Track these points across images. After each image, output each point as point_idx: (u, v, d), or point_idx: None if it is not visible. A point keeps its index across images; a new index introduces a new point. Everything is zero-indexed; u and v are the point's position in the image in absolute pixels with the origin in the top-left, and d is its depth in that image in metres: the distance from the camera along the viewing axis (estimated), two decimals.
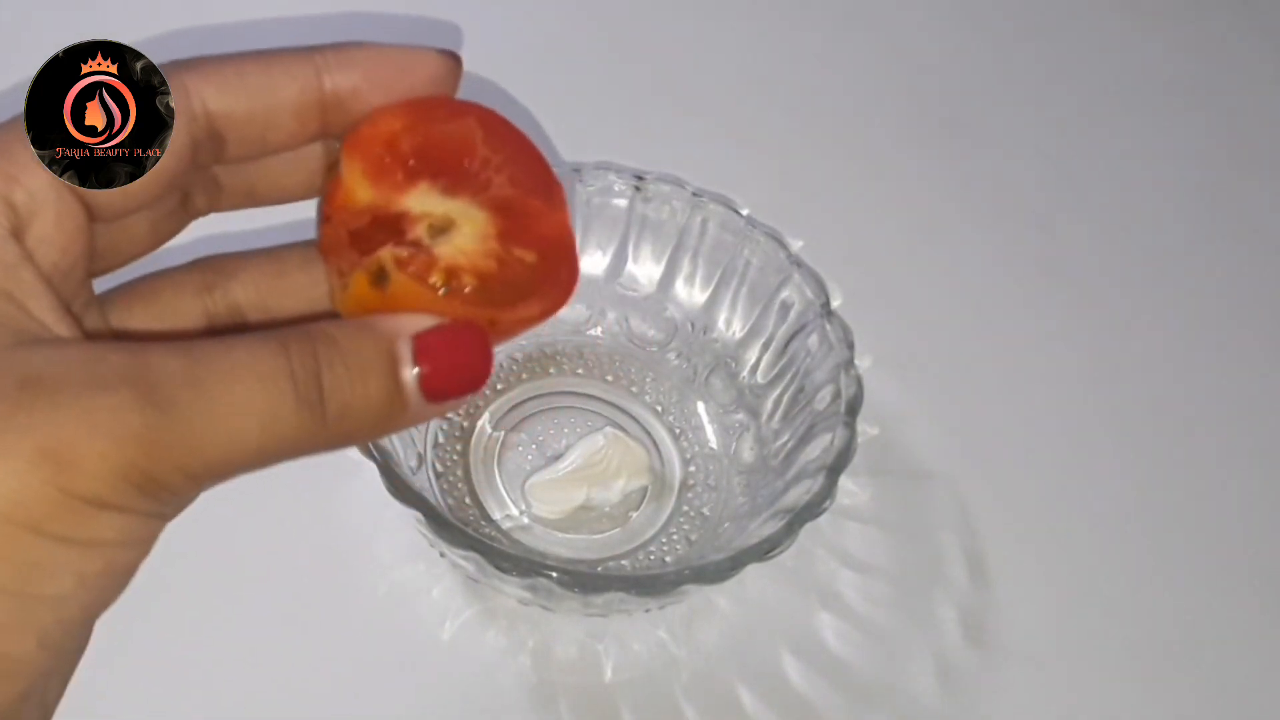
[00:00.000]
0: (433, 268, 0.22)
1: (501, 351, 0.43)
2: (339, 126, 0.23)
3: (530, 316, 0.23)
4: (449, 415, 0.41)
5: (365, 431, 0.22)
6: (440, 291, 0.22)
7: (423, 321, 0.22)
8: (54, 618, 0.19)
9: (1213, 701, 0.40)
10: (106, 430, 0.19)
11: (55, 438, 0.19)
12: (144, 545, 0.20)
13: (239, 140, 0.23)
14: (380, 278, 0.22)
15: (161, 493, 0.20)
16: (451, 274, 0.22)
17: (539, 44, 0.55)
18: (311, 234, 0.25)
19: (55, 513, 0.19)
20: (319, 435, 0.21)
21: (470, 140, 0.23)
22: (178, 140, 0.22)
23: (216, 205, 0.25)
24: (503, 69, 0.50)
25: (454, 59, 0.24)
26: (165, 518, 0.21)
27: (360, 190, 0.23)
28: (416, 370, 0.22)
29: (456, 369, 0.22)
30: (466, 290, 0.22)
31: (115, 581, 0.20)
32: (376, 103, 0.23)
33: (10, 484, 0.18)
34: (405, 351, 0.22)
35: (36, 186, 0.21)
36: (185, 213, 0.25)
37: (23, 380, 0.19)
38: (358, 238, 0.22)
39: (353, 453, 0.33)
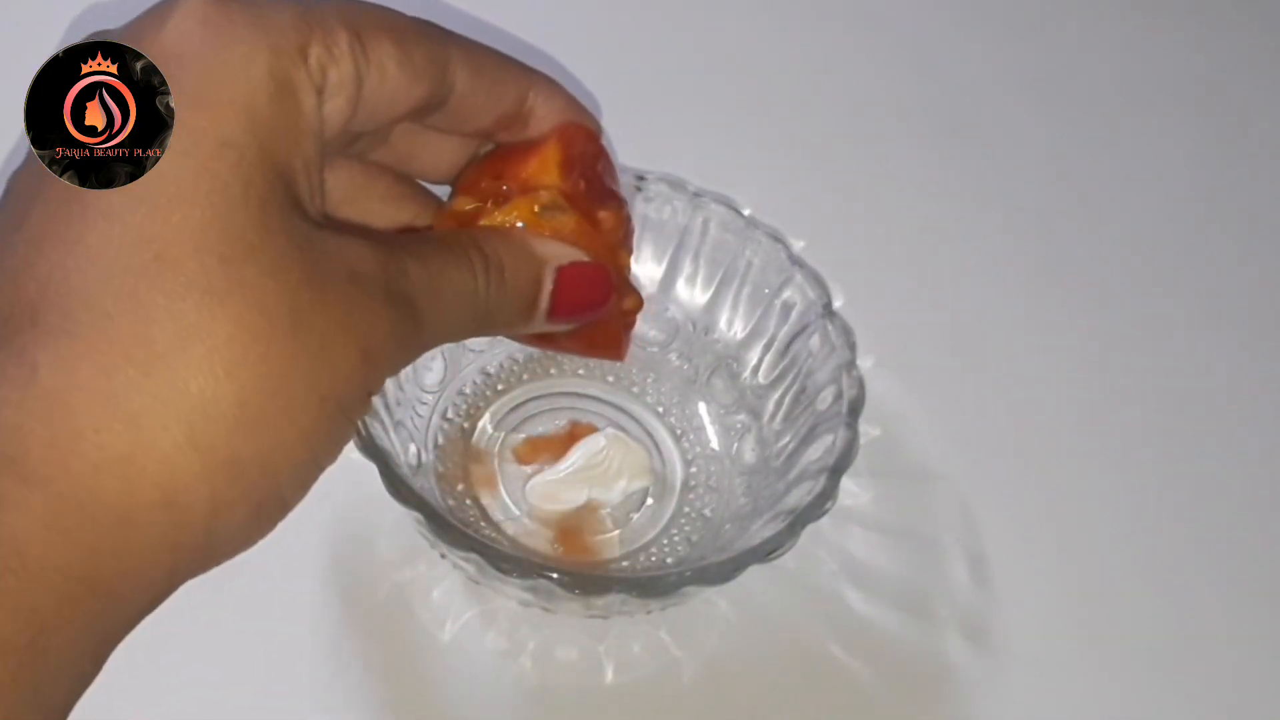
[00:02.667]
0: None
1: (502, 352, 0.43)
2: (504, 134, 0.28)
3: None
4: (449, 416, 0.41)
5: (495, 332, 0.27)
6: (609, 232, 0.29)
7: (569, 254, 0.27)
8: (306, 489, 0.22)
9: (1214, 702, 0.40)
10: (384, 335, 0.22)
11: (369, 339, 0.21)
12: None
13: (448, 113, 0.26)
14: (555, 209, 0.27)
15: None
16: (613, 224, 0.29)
17: (537, 43, 0.55)
18: None
19: (359, 409, 0.22)
20: (471, 335, 0.26)
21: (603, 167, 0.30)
22: (435, 84, 0.24)
23: (367, 155, 0.28)
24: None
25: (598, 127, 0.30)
26: None
27: (549, 173, 0.28)
28: (549, 294, 0.26)
29: (581, 299, 0.27)
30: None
31: None
32: (545, 129, 0.28)
33: (337, 378, 0.21)
34: (549, 280, 0.26)
35: (345, 70, 0.22)
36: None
37: (351, 275, 0.21)
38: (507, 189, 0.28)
39: (353, 453, 0.33)
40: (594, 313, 0.28)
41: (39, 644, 0.18)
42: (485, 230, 0.27)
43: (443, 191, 0.30)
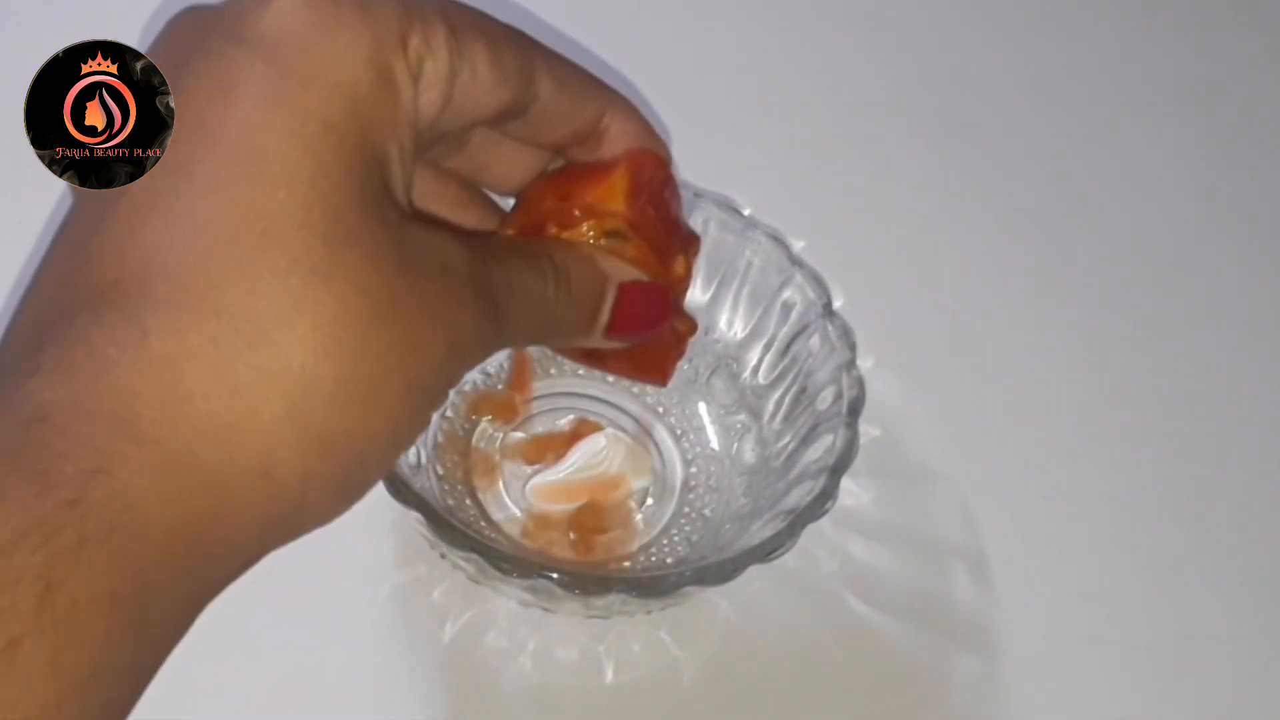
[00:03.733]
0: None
1: (502, 352, 0.43)
2: (576, 150, 0.28)
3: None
4: (449, 415, 0.41)
5: (556, 341, 0.28)
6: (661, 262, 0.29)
7: (631, 273, 0.28)
8: (385, 471, 0.23)
9: (1214, 702, 0.40)
10: (470, 329, 0.23)
11: (457, 332, 0.22)
12: None
13: (528, 122, 0.26)
14: (618, 235, 0.28)
15: None
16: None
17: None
18: None
19: (440, 399, 0.23)
20: (536, 342, 0.27)
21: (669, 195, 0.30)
22: (521, 89, 0.25)
23: (442, 160, 0.28)
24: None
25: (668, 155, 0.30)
26: None
27: (616, 199, 0.28)
28: (610, 309, 0.27)
29: (639, 318, 0.28)
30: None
31: None
32: (616, 151, 0.28)
33: (425, 368, 0.21)
34: (611, 295, 0.27)
35: (442, 64, 0.23)
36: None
37: (443, 267, 0.22)
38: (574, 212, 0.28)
39: None
40: (649, 332, 0.29)
41: (143, 598, 0.18)
42: (555, 241, 0.27)
43: (506, 204, 0.30)
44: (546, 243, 0.27)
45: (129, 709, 0.20)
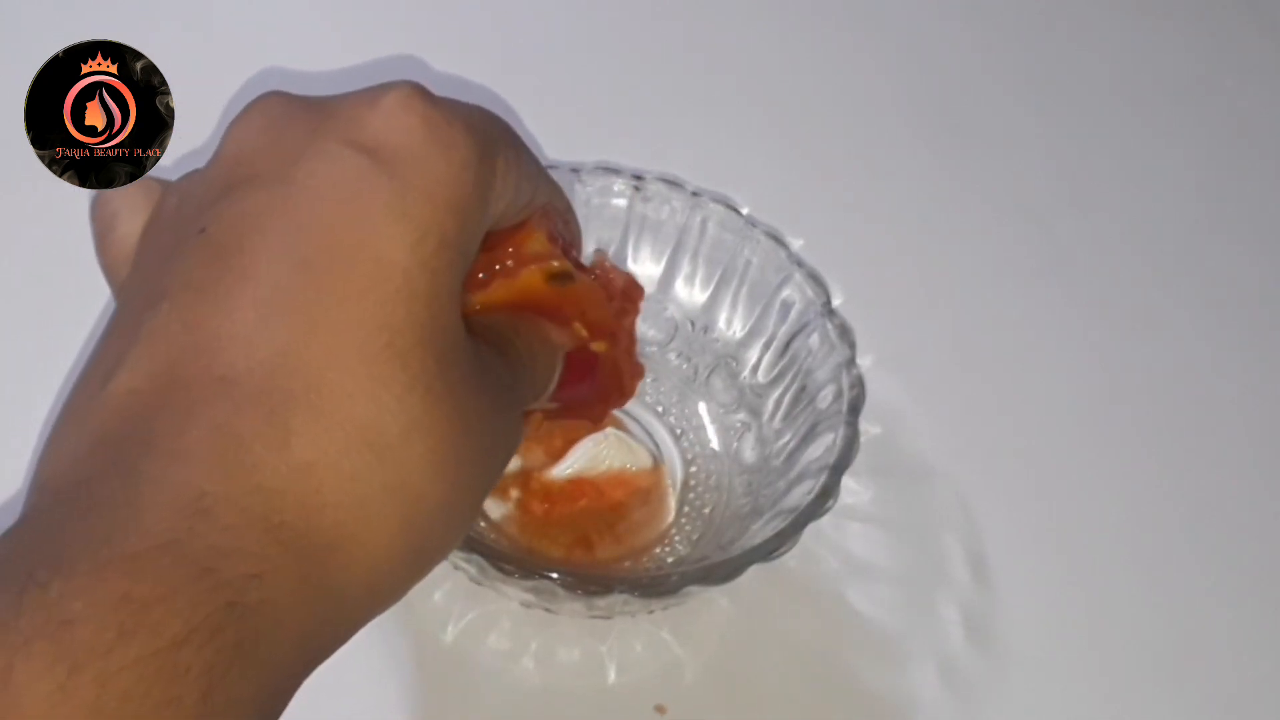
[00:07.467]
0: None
1: None
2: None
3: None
4: None
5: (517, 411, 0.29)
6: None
7: (567, 339, 0.28)
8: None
9: (1214, 702, 0.40)
10: (517, 437, 0.25)
11: (512, 442, 0.24)
12: None
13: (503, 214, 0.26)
14: (561, 277, 0.28)
15: None
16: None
17: (536, 43, 0.55)
18: None
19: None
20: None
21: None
22: (532, 191, 0.26)
23: None
24: (500, 68, 0.50)
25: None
26: None
27: (540, 243, 0.28)
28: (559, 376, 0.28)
29: (576, 378, 0.29)
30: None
31: None
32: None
33: (493, 481, 0.23)
34: (559, 366, 0.28)
35: (511, 181, 0.24)
36: None
37: (499, 383, 0.23)
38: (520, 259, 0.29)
39: None
40: (582, 387, 0.30)
41: (270, 706, 0.19)
42: (517, 320, 0.28)
43: None
44: (511, 322, 0.27)
45: None
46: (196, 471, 0.19)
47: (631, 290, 0.32)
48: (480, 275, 0.28)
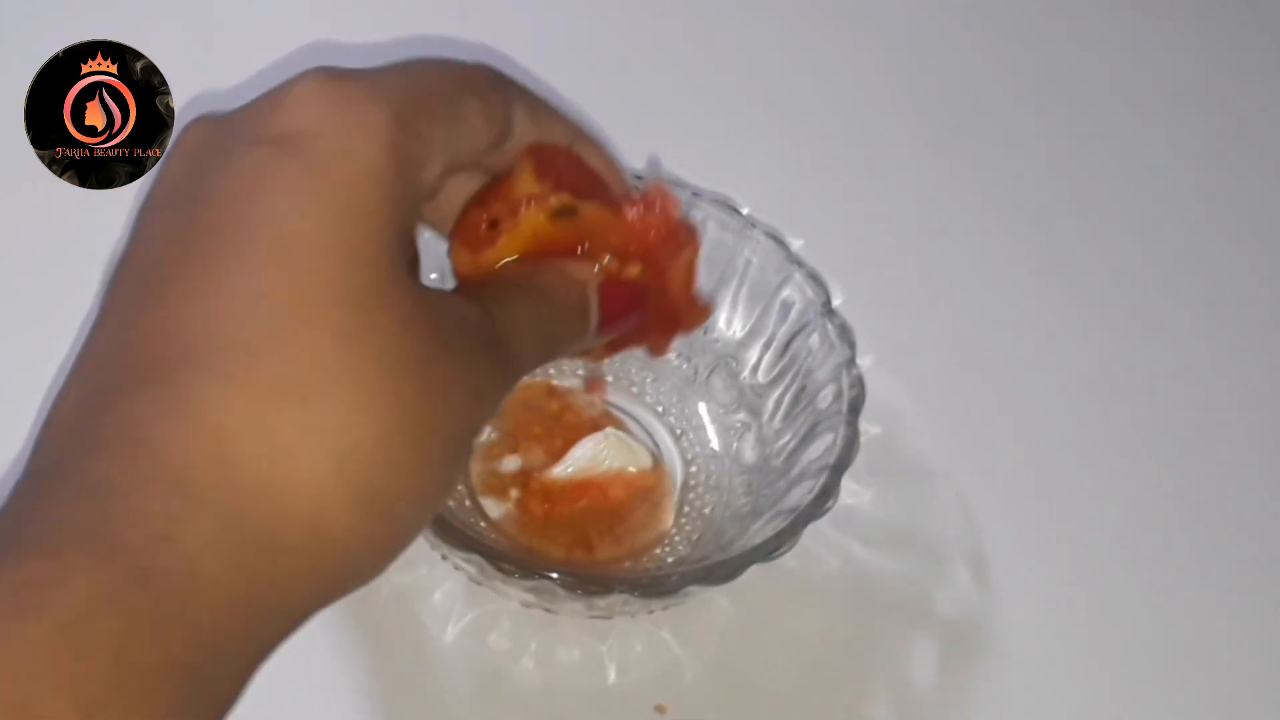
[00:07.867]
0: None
1: None
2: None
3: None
4: None
5: (562, 356, 0.29)
6: (631, 214, 0.29)
7: (596, 273, 0.28)
8: (424, 525, 0.24)
9: (1214, 702, 0.40)
10: (489, 379, 0.24)
11: (477, 379, 0.23)
12: None
13: (500, 155, 0.27)
14: (565, 211, 0.27)
15: None
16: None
17: (535, 43, 0.55)
18: None
19: (469, 449, 0.24)
20: (546, 361, 0.28)
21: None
22: (504, 128, 0.26)
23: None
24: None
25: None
26: None
27: (528, 183, 0.28)
28: (597, 310, 0.28)
29: (621, 307, 0.29)
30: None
31: None
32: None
33: (454, 418, 0.23)
34: (593, 296, 0.28)
35: (443, 137, 0.24)
36: None
37: (460, 327, 0.23)
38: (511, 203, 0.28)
39: None
40: (634, 315, 0.30)
41: (206, 665, 0.19)
42: (531, 265, 0.28)
43: None
44: (526, 269, 0.28)
45: None
46: (98, 460, 0.19)
47: (678, 232, 0.31)
48: (485, 230, 0.28)
